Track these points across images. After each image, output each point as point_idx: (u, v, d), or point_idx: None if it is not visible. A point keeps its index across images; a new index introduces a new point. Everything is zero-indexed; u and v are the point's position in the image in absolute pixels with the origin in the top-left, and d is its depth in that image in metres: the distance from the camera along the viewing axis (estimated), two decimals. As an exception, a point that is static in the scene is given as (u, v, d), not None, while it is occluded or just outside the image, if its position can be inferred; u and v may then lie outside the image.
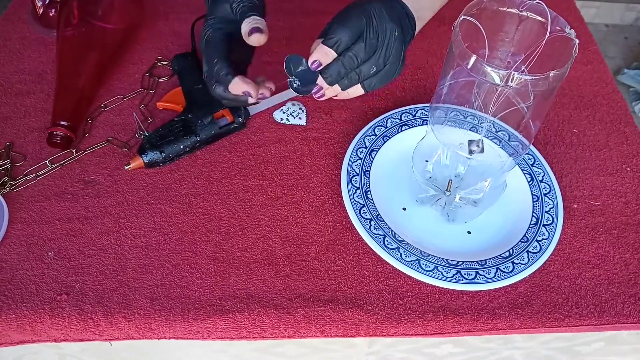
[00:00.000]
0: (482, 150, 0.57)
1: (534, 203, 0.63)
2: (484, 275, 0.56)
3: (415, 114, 0.70)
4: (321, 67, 0.55)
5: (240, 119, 0.69)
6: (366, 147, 0.66)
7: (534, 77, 0.47)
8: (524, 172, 0.66)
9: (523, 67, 0.51)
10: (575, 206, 0.65)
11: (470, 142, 0.58)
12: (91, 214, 0.62)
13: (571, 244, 0.61)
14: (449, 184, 0.62)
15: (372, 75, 0.57)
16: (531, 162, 0.67)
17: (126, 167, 0.65)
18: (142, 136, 0.66)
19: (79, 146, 0.68)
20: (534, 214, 0.62)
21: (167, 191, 0.64)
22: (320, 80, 0.56)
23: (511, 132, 0.66)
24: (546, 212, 0.62)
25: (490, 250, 0.60)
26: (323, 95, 0.57)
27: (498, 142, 0.66)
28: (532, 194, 0.64)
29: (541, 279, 0.58)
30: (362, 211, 0.60)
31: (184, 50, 0.78)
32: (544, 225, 0.61)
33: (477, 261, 0.58)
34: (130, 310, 0.55)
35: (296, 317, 0.55)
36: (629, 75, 2.02)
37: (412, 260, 0.57)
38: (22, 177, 0.65)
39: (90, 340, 0.56)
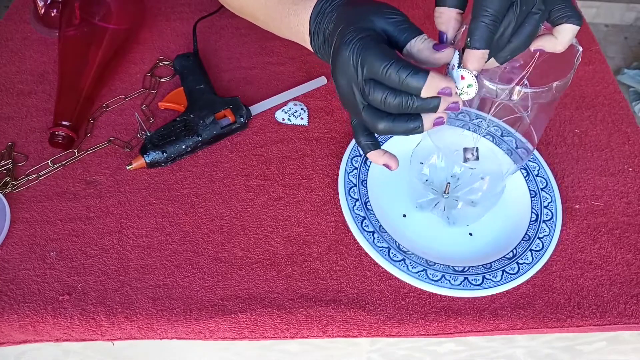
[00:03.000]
0: (477, 158, 0.56)
1: (532, 199, 0.63)
2: (491, 280, 0.56)
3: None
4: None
5: (242, 119, 0.69)
6: (361, 155, 0.65)
7: (536, 90, 0.46)
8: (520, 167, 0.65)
9: (525, 81, 0.50)
10: (577, 206, 0.65)
11: (465, 149, 0.56)
12: (93, 214, 0.62)
13: (573, 245, 0.61)
14: (447, 187, 0.61)
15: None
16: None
17: (128, 167, 0.65)
18: (143, 136, 0.66)
19: (80, 146, 0.68)
20: (534, 210, 0.62)
21: (169, 191, 0.64)
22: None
23: (513, 136, 0.65)
24: (545, 207, 0.62)
25: (493, 251, 0.59)
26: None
27: (496, 142, 0.65)
28: (529, 189, 0.64)
29: (543, 280, 0.58)
30: (364, 224, 0.59)
31: (185, 51, 0.78)
32: (544, 221, 0.61)
33: (482, 265, 0.58)
34: (132, 311, 0.55)
35: (298, 317, 0.55)
36: (629, 75, 2.02)
37: (419, 271, 0.56)
38: (24, 177, 0.65)
39: (93, 340, 0.56)
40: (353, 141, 0.66)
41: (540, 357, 0.64)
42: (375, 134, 0.49)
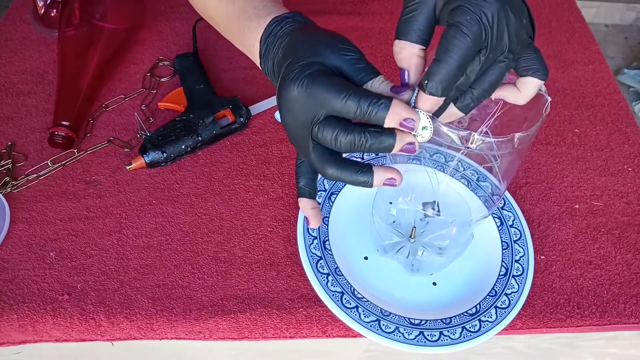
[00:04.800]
0: (439, 212, 0.53)
1: (504, 250, 0.59)
2: (448, 336, 0.52)
3: (378, 153, 0.59)
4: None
5: (242, 119, 0.69)
6: (325, 190, 0.62)
7: (497, 139, 0.42)
8: (493, 215, 0.62)
9: (485, 129, 0.47)
10: (577, 206, 0.65)
11: (425, 204, 0.53)
12: (93, 214, 0.62)
13: (573, 245, 0.61)
14: (413, 231, 0.58)
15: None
16: (501, 205, 0.62)
17: (127, 167, 0.65)
18: (143, 136, 0.66)
19: (80, 146, 0.68)
20: (504, 263, 0.58)
21: (169, 191, 0.64)
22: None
23: (490, 181, 0.61)
24: (516, 261, 0.58)
25: (456, 304, 0.56)
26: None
27: (472, 187, 0.60)
28: (501, 240, 0.60)
29: (543, 280, 0.58)
30: (319, 264, 0.55)
31: (185, 50, 0.78)
32: (513, 276, 0.57)
33: (441, 319, 0.54)
34: (132, 311, 0.55)
35: (298, 317, 0.55)
36: (629, 75, 2.02)
37: (371, 321, 0.52)
38: (24, 177, 0.65)
39: (92, 340, 0.56)
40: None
41: (539, 349, 0.64)
42: (318, 189, 0.46)
